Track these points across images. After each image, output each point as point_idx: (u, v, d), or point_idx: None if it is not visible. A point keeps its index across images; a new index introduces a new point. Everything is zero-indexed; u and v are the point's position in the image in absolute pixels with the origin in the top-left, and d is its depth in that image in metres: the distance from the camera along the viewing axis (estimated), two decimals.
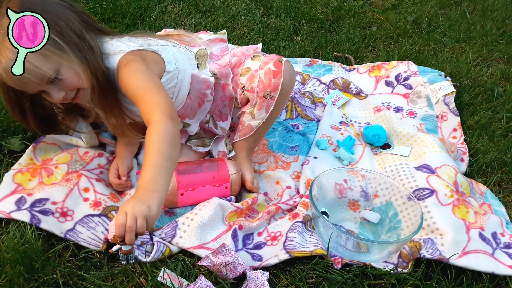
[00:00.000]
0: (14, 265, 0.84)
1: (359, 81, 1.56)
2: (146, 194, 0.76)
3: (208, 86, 1.07)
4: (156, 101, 0.86)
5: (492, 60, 1.72)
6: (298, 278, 0.88)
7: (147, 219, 0.74)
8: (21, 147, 1.12)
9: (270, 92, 1.04)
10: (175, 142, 0.85)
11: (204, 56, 1.08)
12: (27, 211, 0.93)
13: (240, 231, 0.98)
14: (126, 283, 0.86)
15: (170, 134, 0.83)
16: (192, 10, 1.84)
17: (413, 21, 1.94)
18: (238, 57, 1.10)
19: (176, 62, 1.02)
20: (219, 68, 1.08)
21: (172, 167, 0.83)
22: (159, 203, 0.77)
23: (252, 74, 1.05)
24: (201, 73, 1.06)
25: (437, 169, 1.11)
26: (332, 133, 1.28)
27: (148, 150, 0.81)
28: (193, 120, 1.12)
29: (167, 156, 0.81)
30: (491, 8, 2.06)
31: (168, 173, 0.81)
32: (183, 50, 1.06)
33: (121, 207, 0.75)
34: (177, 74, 1.02)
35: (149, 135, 0.83)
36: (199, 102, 1.09)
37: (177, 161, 0.87)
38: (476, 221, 1.00)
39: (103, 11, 1.69)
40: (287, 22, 1.84)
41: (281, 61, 1.04)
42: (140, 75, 0.91)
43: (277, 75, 1.03)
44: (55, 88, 0.90)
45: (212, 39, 1.14)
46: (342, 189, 1.07)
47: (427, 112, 1.41)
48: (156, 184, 0.78)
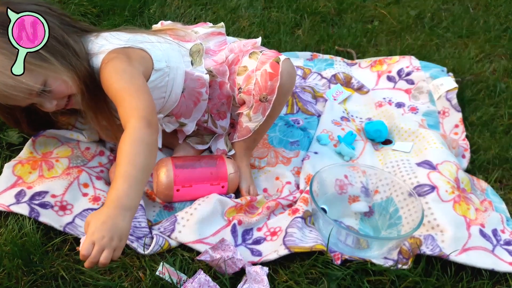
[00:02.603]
0: (12, 258, 0.84)
1: (360, 76, 1.55)
2: (118, 213, 0.73)
3: (203, 85, 1.02)
4: (134, 105, 0.82)
5: (495, 56, 1.70)
6: (297, 273, 0.88)
7: (115, 250, 0.71)
8: (20, 140, 1.11)
9: (267, 95, 1.00)
10: (151, 151, 0.81)
11: (199, 51, 1.03)
12: (26, 204, 0.93)
13: (239, 226, 0.97)
14: (125, 277, 0.85)
15: (145, 142, 0.79)
16: (192, 3, 1.82)
17: (416, 16, 1.93)
18: (235, 53, 1.05)
19: (167, 60, 0.97)
20: (215, 65, 1.04)
21: (146, 178, 0.79)
22: (131, 222, 0.74)
23: (248, 75, 1.01)
24: (195, 70, 1.01)
25: (438, 165, 1.10)
26: (333, 128, 1.27)
27: (120, 159, 0.77)
28: (189, 120, 1.09)
29: (141, 168, 0.77)
30: (495, 3, 2.04)
31: (141, 185, 0.78)
32: (176, 47, 1.01)
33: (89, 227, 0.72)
34: (168, 73, 0.97)
35: (122, 142, 0.78)
36: (194, 101, 1.05)
37: (151, 170, 0.83)
38: (476, 218, 1.00)
39: (102, 3, 1.67)
40: (288, 16, 1.82)
41: (278, 61, 0.99)
42: (120, 75, 0.86)
43: (273, 78, 0.99)
44: (45, 99, 0.88)
45: (209, 33, 1.09)
46: (343, 184, 1.07)
47: (429, 108, 1.40)
48: (129, 200, 0.74)
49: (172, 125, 1.09)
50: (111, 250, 0.71)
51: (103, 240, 0.70)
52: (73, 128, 1.12)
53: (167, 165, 1.02)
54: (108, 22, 1.60)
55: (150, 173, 0.82)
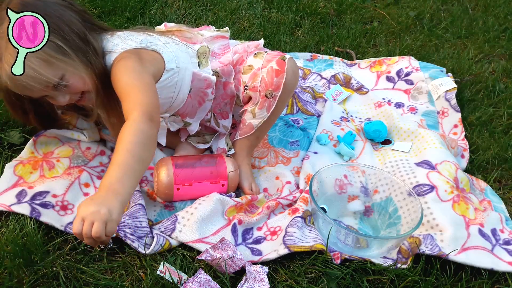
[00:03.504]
0: (13, 258, 0.84)
1: (360, 76, 1.56)
2: (108, 196, 0.71)
3: (209, 85, 1.05)
4: (139, 100, 0.83)
5: (494, 57, 1.71)
6: (297, 273, 0.89)
7: (106, 224, 0.69)
8: (21, 140, 1.11)
9: (272, 91, 1.02)
10: (149, 144, 0.80)
11: (205, 53, 1.06)
12: (27, 204, 0.93)
13: (239, 225, 0.98)
14: (125, 276, 0.86)
15: (146, 135, 0.79)
16: (193, 4, 1.83)
17: (415, 17, 1.93)
18: (239, 54, 1.08)
19: (177, 61, 0.99)
20: (221, 66, 1.06)
21: (141, 170, 0.78)
22: (122, 207, 0.72)
23: (254, 73, 1.04)
24: (202, 71, 1.03)
25: (438, 165, 1.11)
26: (333, 128, 1.28)
27: (118, 148, 0.77)
28: (194, 119, 1.11)
29: (138, 158, 0.77)
30: (494, 4, 2.05)
31: (137, 176, 0.76)
32: (184, 48, 1.03)
33: (79, 209, 0.71)
34: (177, 73, 1.00)
35: (122, 132, 0.78)
36: (199, 101, 1.07)
37: (148, 165, 0.81)
38: (475, 218, 1.01)
39: (103, 4, 1.67)
40: (288, 16, 1.83)
41: (284, 59, 1.02)
42: (130, 72, 0.88)
43: (279, 74, 1.01)
44: (60, 93, 0.89)
45: (214, 36, 1.11)
46: (342, 184, 1.07)
47: (428, 108, 1.40)
48: (122, 186, 0.73)
49: (177, 125, 1.10)
50: (101, 222, 0.69)
51: (92, 214, 0.69)
52: (74, 128, 1.13)
53: (167, 164, 1.02)
54: (109, 23, 1.60)
55: (147, 167, 0.80)
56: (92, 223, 0.69)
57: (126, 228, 0.90)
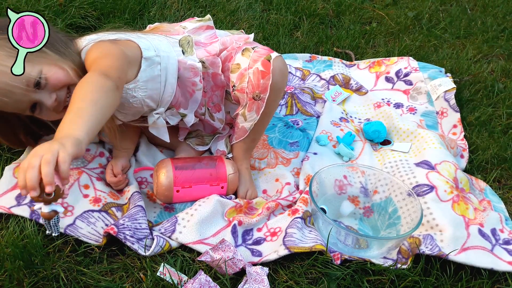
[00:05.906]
0: (13, 260, 0.84)
1: (359, 77, 1.56)
2: (60, 135, 0.68)
3: (196, 73, 1.03)
4: (102, 64, 0.83)
5: (492, 57, 1.71)
6: (297, 273, 0.89)
7: (58, 154, 0.64)
8: None
9: (259, 93, 1.00)
10: (105, 91, 0.77)
11: (188, 42, 1.05)
12: (27, 206, 0.93)
13: (239, 226, 0.98)
14: (126, 278, 0.86)
15: (100, 84, 0.77)
16: (192, 5, 1.83)
17: (414, 17, 1.93)
18: (228, 51, 1.06)
19: (156, 49, 0.99)
20: (207, 56, 1.05)
21: (98, 112, 0.73)
22: (76, 142, 0.66)
23: (241, 73, 1.02)
24: (187, 59, 1.02)
25: (437, 165, 1.11)
26: (332, 129, 1.28)
27: (71, 100, 0.75)
28: (188, 110, 1.09)
29: (91, 101, 0.73)
30: (492, 4, 2.05)
31: (91, 116, 0.72)
32: (164, 38, 1.03)
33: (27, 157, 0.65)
34: (159, 62, 0.99)
35: (76, 87, 0.77)
36: (189, 91, 1.06)
37: (107, 111, 0.78)
38: (475, 217, 1.01)
39: (102, 6, 1.68)
40: (287, 18, 1.83)
41: (269, 59, 0.99)
42: (101, 48, 0.89)
43: (265, 76, 0.99)
44: (45, 93, 0.88)
45: (198, 27, 1.10)
46: (342, 185, 1.07)
47: (427, 108, 1.40)
48: (74, 126, 0.69)
49: (174, 117, 1.10)
50: (53, 153, 0.63)
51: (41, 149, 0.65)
52: None
53: (167, 167, 1.02)
54: (109, 25, 1.60)
55: (106, 111, 0.77)
56: (41, 156, 0.64)
57: (126, 230, 0.90)
